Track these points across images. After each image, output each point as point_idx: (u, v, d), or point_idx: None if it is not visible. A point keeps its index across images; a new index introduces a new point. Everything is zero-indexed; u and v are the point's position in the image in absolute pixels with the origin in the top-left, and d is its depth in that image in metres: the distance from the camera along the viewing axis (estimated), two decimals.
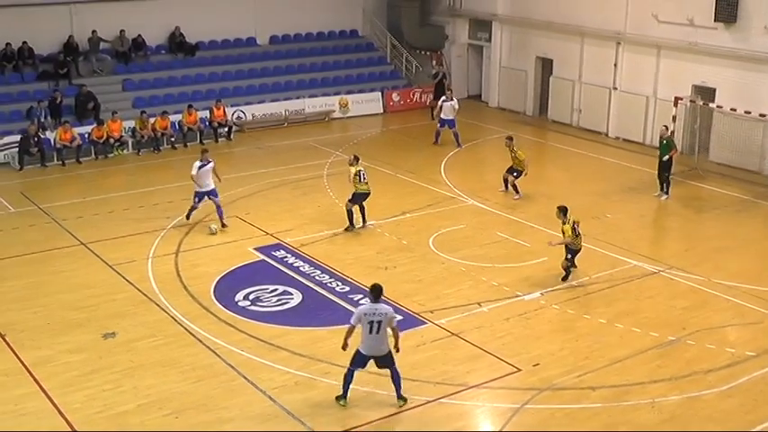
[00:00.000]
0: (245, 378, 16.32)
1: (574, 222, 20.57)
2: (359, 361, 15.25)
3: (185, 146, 32.84)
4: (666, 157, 26.37)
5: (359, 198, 23.76)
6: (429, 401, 15.50)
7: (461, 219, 25.01)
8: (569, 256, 20.72)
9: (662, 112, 32.02)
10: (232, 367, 16.71)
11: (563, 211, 20.63)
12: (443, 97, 33.27)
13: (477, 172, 30.72)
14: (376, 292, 15.14)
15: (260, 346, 17.58)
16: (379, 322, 14.91)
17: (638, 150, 32.70)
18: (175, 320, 18.66)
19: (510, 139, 27.09)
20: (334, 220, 24.74)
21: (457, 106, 32.97)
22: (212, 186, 23.87)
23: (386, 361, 15.27)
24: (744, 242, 23.95)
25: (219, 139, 33.73)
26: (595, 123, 35.35)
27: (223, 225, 23.83)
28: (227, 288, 20.30)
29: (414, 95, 39.81)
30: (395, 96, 39.33)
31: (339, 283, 20.62)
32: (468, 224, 24.67)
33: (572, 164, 31.33)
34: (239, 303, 19.51)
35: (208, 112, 33.94)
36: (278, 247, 22.84)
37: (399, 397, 15.40)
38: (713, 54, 30.71)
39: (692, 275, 21.28)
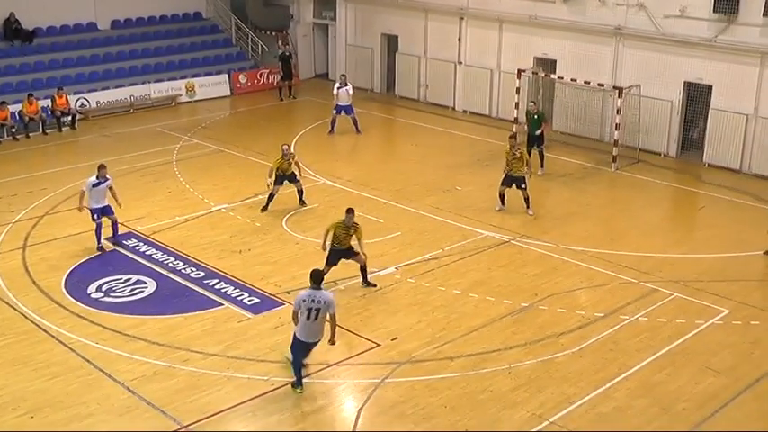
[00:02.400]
0: (102, 371, 16.00)
1: None
2: (299, 348, 15.19)
3: (27, 137, 31.77)
4: (539, 131, 26.81)
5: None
6: (290, 381, 15.50)
7: (314, 198, 25.00)
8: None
9: (506, 84, 32.76)
10: (88, 361, 16.35)
11: None
12: (337, 83, 32.50)
13: (328, 151, 30.74)
14: (315, 278, 15.07)
15: (116, 337, 17.25)
16: (318, 309, 14.89)
17: (484, 123, 33.38)
18: (26, 317, 18.09)
19: (514, 137, 24.62)
20: (185, 205, 24.46)
21: (351, 91, 32.37)
22: (107, 203, 21.63)
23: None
24: (589, 208, 24.83)
25: (63, 128, 32.78)
26: (442, 98, 35.89)
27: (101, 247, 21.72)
28: (78, 280, 19.82)
29: (261, 77, 39.57)
30: (242, 78, 38.98)
31: (194, 269, 20.39)
32: (321, 203, 24.71)
33: (421, 139, 31.70)
34: (92, 295, 19.08)
35: (49, 100, 32.92)
36: (129, 235, 22.38)
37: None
38: (553, 27, 31.56)
39: (542, 243, 21.92)
